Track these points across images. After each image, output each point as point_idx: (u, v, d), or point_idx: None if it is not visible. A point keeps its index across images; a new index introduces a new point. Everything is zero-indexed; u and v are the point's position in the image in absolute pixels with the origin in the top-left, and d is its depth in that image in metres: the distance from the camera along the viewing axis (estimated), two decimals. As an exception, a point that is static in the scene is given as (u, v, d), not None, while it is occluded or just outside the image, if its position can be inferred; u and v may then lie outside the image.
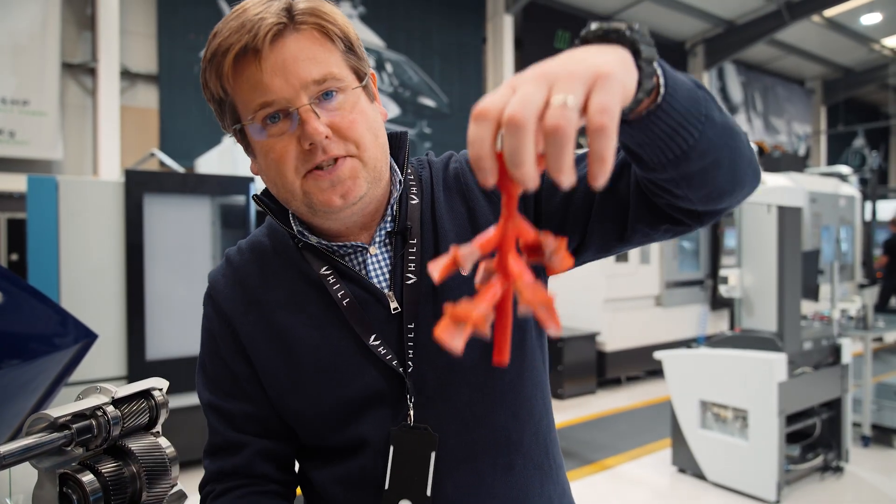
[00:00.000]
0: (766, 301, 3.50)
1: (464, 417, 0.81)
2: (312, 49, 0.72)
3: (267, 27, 0.70)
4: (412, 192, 0.85)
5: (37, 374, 1.53)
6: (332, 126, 0.73)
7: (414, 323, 0.80)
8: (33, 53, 6.37)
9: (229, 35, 0.71)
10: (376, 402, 0.81)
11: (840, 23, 13.23)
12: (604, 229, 0.80)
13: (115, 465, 0.80)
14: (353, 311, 0.81)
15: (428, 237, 0.83)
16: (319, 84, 0.72)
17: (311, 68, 0.72)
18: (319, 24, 0.73)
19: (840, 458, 3.73)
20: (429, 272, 0.45)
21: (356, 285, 0.82)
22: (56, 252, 3.38)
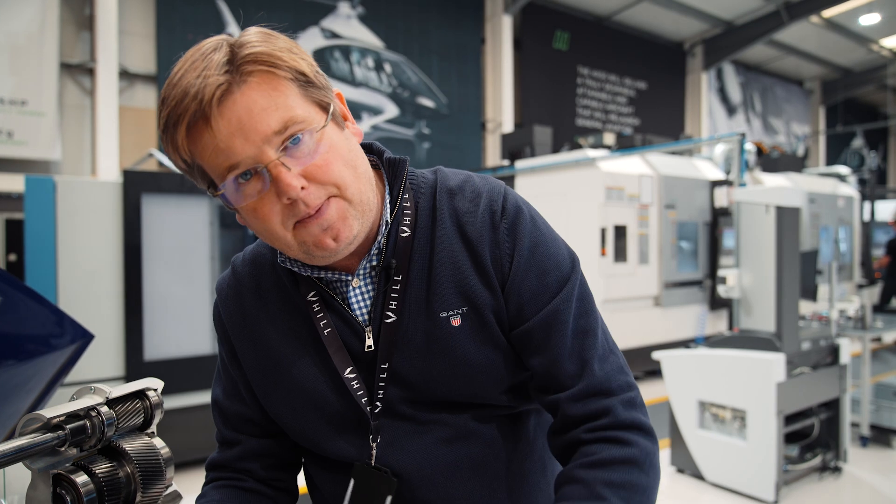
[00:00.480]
0: (765, 301, 3.50)
1: (429, 472, 0.80)
2: (264, 99, 0.68)
3: (211, 90, 0.65)
4: (405, 222, 0.81)
5: (33, 374, 1.53)
6: (306, 174, 0.70)
7: (388, 363, 0.79)
8: (31, 53, 6.36)
9: (175, 105, 0.67)
10: (347, 431, 0.83)
11: (839, 23, 13.25)
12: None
13: (109, 465, 0.80)
14: (333, 342, 0.81)
15: (417, 276, 0.80)
16: (281, 133, 0.68)
17: (268, 119, 0.67)
18: (266, 68, 0.68)
19: (838, 459, 3.73)
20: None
21: (338, 316, 0.81)
22: (54, 252, 3.37)
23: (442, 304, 0.79)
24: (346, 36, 8.93)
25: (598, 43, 12.10)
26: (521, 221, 0.81)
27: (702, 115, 13.77)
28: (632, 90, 12.79)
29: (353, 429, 0.82)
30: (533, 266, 0.80)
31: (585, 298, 0.84)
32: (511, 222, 0.80)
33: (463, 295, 0.79)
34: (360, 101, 9.04)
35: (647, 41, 13.04)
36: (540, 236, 0.81)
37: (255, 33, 0.71)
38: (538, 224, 0.83)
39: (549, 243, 0.82)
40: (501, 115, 10.31)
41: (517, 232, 0.80)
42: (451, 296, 0.79)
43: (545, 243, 0.81)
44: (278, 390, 0.85)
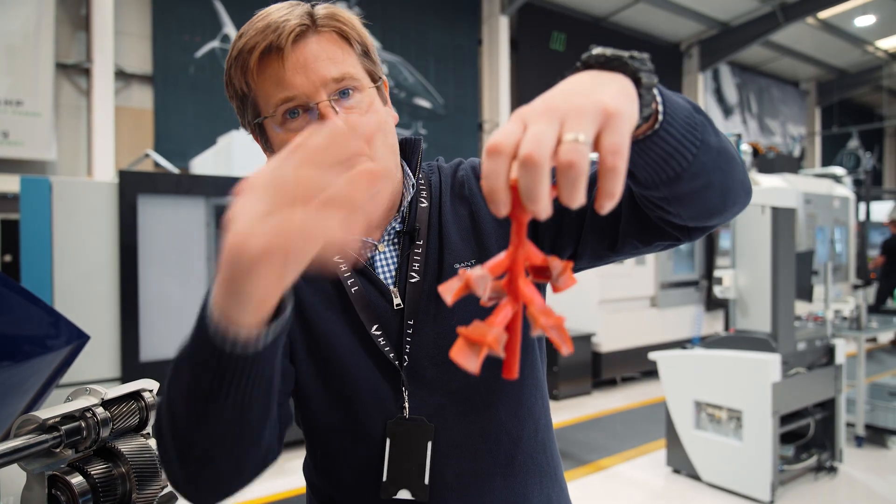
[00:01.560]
0: (761, 302, 3.51)
1: (462, 410, 0.84)
2: (331, 50, 0.77)
3: (290, 28, 0.75)
4: (422, 195, 0.90)
5: (27, 375, 1.52)
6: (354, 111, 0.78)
7: (413, 319, 0.84)
8: (27, 54, 6.35)
9: (255, 35, 0.76)
10: (375, 391, 0.84)
11: (834, 25, 13.29)
12: (596, 240, 0.83)
13: (104, 466, 0.80)
14: (360, 301, 0.85)
15: (434, 240, 0.88)
16: (338, 82, 0.77)
17: (329, 67, 0.76)
18: (339, 28, 0.79)
19: (834, 459, 3.75)
20: (441, 294, 0.46)
21: (365, 278, 0.86)
22: (49, 253, 3.36)
23: (454, 256, 0.86)
24: (342, 36, 8.94)
25: (594, 44, 12.08)
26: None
27: (698, 116, 13.79)
28: (628, 91, 12.81)
29: (380, 388, 0.84)
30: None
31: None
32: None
33: (470, 245, 0.86)
34: (356, 101, 9.04)
35: (643, 42, 13.06)
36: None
37: (327, 5, 0.80)
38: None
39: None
40: (498, 116, 10.32)
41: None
42: (461, 249, 0.86)
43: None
44: (308, 348, 0.86)
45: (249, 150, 4.60)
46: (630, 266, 6.18)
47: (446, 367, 0.83)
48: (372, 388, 0.84)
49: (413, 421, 0.83)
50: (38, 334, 1.60)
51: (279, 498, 3.64)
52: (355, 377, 0.84)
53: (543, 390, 0.93)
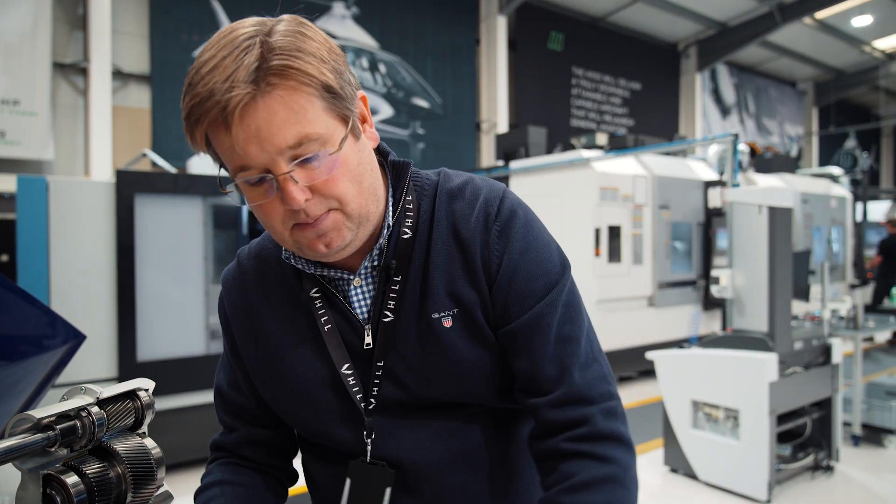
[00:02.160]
0: (758, 301, 3.52)
1: (422, 465, 0.83)
2: (285, 111, 0.68)
3: (235, 101, 0.66)
4: (406, 223, 0.83)
5: (24, 375, 1.52)
6: (313, 188, 0.72)
7: (383, 361, 0.82)
8: (24, 53, 6.33)
9: (199, 104, 0.68)
10: (344, 426, 0.85)
11: (831, 25, 13.32)
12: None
13: (99, 466, 0.80)
14: (332, 338, 0.83)
15: (415, 276, 0.83)
16: (296, 148, 0.69)
17: (285, 133, 0.68)
18: (293, 80, 0.68)
19: (830, 458, 3.76)
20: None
21: (339, 313, 0.84)
22: (46, 253, 3.36)
23: (434, 305, 0.81)
24: (340, 36, 8.92)
25: (592, 44, 12.12)
26: (514, 224, 0.82)
27: (696, 116, 13.82)
28: (626, 91, 12.83)
29: (348, 423, 0.85)
30: (521, 269, 0.81)
31: (572, 305, 0.84)
32: (504, 224, 0.82)
33: (454, 297, 0.82)
34: (354, 101, 9.04)
35: (641, 42, 13.07)
36: (532, 241, 0.83)
37: (288, 32, 0.69)
38: (532, 228, 0.84)
39: (541, 248, 0.83)
40: (496, 115, 10.32)
41: (509, 234, 0.81)
42: (443, 298, 0.81)
43: (536, 248, 0.83)
44: (277, 382, 0.87)
45: (247, 150, 4.60)
46: (628, 265, 6.19)
47: (410, 416, 0.83)
48: (340, 425, 0.85)
49: (374, 465, 0.82)
50: (35, 334, 1.60)
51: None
52: (325, 414, 0.85)
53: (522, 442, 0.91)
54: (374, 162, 0.80)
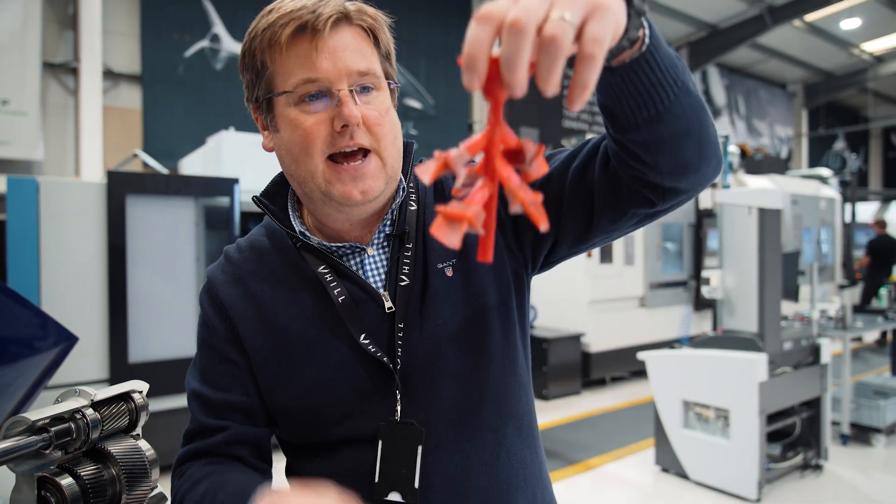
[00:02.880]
0: (747, 302, 3.55)
1: (450, 413, 0.84)
2: (361, 44, 0.79)
3: (329, 13, 0.76)
4: (412, 198, 0.90)
5: (15, 377, 1.51)
6: (364, 117, 0.78)
7: (404, 322, 0.84)
8: (13, 52, 6.28)
9: (291, 11, 0.77)
10: (366, 398, 0.84)
11: (820, 27, 13.44)
12: (573, 220, 0.84)
13: (94, 468, 0.80)
14: (347, 310, 0.84)
15: (419, 242, 0.87)
16: (361, 76, 0.78)
17: (357, 60, 0.78)
18: (370, 25, 0.81)
19: (819, 457, 3.79)
20: (417, 174, 0.49)
21: (353, 284, 0.85)
22: (37, 254, 3.34)
23: (437, 257, 0.86)
24: (333, 37, 8.92)
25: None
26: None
27: (687, 118, 13.89)
28: (618, 92, 12.88)
29: (372, 394, 0.84)
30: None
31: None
32: None
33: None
34: (347, 101, 9.03)
35: (632, 44, 13.14)
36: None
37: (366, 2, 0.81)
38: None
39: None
40: (489, 116, 10.33)
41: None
42: (443, 249, 0.86)
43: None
44: (288, 370, 0.85)
45: (238, 150, 4.59)
46: (619, 266, 6.22)
47: (436, 369, 0.84)
48: (363, 395, 0.84)
49: (405, 424, 0.83)
50: (26, 335, 1.59)
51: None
52: (346, 390, 0.84)
53: (527, 389, 0.93)
54: (399, 129, 0.86)
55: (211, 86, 7.78)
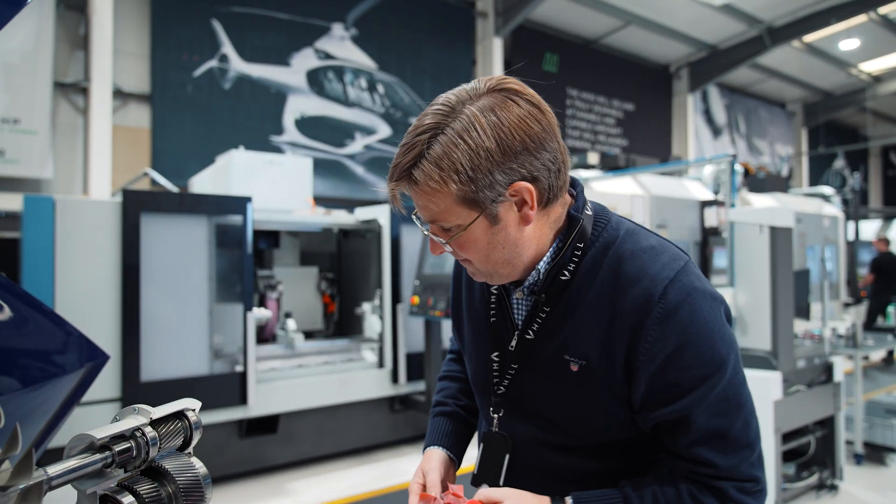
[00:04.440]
0: (760, 320, 3.55)
1: (533, 446, 1.03)
2: (423, 201, 0.89)
3: (399, 187, 0.90)
4: (569, 267, 0.95)
5: (45, 397, 1.51)
6: (446, 247, 0.95)
7: (518, 364, 1.01)
8: (25, 72, 6.35)
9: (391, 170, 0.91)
10: (487, 393, 1.07)
11: (819, 48, 13.59)
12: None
13: (152, 486, 0.80)
14: (492, 329, 1.06)
15: (565, 314, 0.96)
16: (433, 222, 0.92)
17: (424, 213, 0.92)
18: (426, 189, 0.87)
19: (835, 477, 3.76)
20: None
21: (503, 313, 1.04)
22: (52, 272, 3.34)
23: (569, 348, 0.95)
24: (339, 57, 9.01)
25: (586, 65, 12.30)
26: (677, 316, 0.87)
27: (688, 136, 14.00)
28: (620, 111, 12.99)
29: (484, 394, 1.09)
30: (673, 362, 0.87)
31: (729, 398, 0.89)
32: (666, 313, 0.87)
33: (587, 351, 0.93)
34: (353, 121, 9.10)
35: (634, 64, 13.28)
36: (693, 335, 0.87)
37: (457, 133, 0.85)
38: (696, 320, 0.87)
39: (701, 342, 0.87)
40: (492, 135, 10.39)
41: (667, 325, 0.87)
42: (579, 347, 0.94)
43: (697, 342, 0.87)
44: (462, 338, 1.16)
45: (248, 169, 4.62)
46: (626, 284, 6.22)
47: (528, 408, 1.02)
48: (481, 391, 1.11)
49: (499, 435, 1.04)
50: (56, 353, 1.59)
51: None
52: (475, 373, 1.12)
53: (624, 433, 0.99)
54: (515, 235, 0.91)
55: (219, 105, 7.85)
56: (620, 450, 0.99)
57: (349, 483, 4.05)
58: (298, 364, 4.42)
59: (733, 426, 0.89)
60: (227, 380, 3.86)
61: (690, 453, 0.90)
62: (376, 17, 9.34)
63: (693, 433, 0.89)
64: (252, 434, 4.09)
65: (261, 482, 4.08)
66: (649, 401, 0.90)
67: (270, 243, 5.04)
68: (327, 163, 8.73)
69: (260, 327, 4.46)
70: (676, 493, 0.90)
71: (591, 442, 0.97)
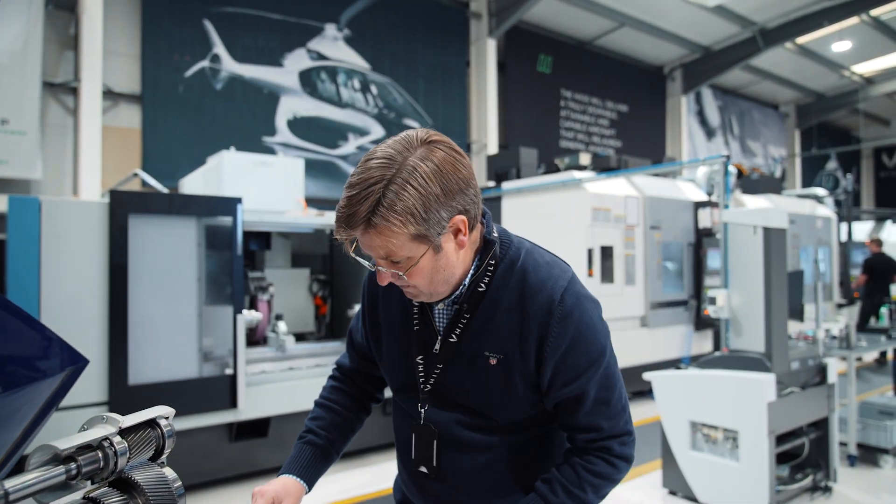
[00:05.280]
0: (754, 321, 3.53)
1: (456, 432, 1.22)
2: (379, 241, 1.03)
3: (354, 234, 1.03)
4: (484, 280, 1.15)
5: (22, 402, 1.47)
6: (394, 277, 1.09)
7: (441, 365, 1.19)
8: (14, 72, 6.29)
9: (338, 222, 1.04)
10: (411, 391, 1.25)
11: (812, 50, 13.66)
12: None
13: (121, 498, 0.76)
14: (417, 335, 1.22)
15: (483, 319, 1.15)
16: (385, 258, 1.06)
17: (378, 251, 1.05)
18: (385, 232, 1.01)
19: (828, 478, 3.75)
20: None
21: (425, 321, 1.21)
22: (37, 273, 3.29)
23: (488, 345, 1.15)
24: (332, 57, 8.97)
25: (580, 66, 12.31)
26: (573, 316, 1.12)
27: (682, 138, 14.03)
28: (613, 113, 13.01)
29: (411, 392, 1.24)
30: (571, 351, 1.12)
31: (609, 375, 1.17)
32: (565, 314, 1.11)
33: (503, 347, 1.14)
34: (346, 121, 9.06)
35: (627, 65, 13.30)
36: (583, 329, 1.12)
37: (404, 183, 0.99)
38: (584, 318, 1.13)
39: (589, 335, 1.13)
40: (486, 136, 10.40)
41: (566, 323, 1.11)
42: (496, 343, 1.15)
43: (585, 336, 1.13)
44: (380, 349, 1.31)
45: (239, 170, 4.57)
46: (620, 286, 6.21)
47: (452, 399, 1.21)
48: (406, 391, 1.26)
49: (426, 426, 1.23)
50: (33, 358, 1.55)
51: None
52: (399, 378, 1.27)
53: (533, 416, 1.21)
54: (453, 260, 1.10)
55: (211, 106, 7.80)
56: (524, 426, 1.20)
57: (341, 487, 4.01)
58: (289, 367, 4.37)
59: (613, 395, 1.17)
60: (216, 383, 3.82)
61: (585, 422, 1.16)
62: (369, 18, 9.32)
63: (586, 405, 1.15)
64: (242, 438, 4.05)
65: (251, 486, 4.03)
66: (554, 382, 1.13)
67: (262, 245, 4.99)
68: (320, 164, 8.69)
69: (251, 329, 4.41)
70: (572, 469, 1.16)
71: (503, 420, 1.18)
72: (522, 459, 1.23)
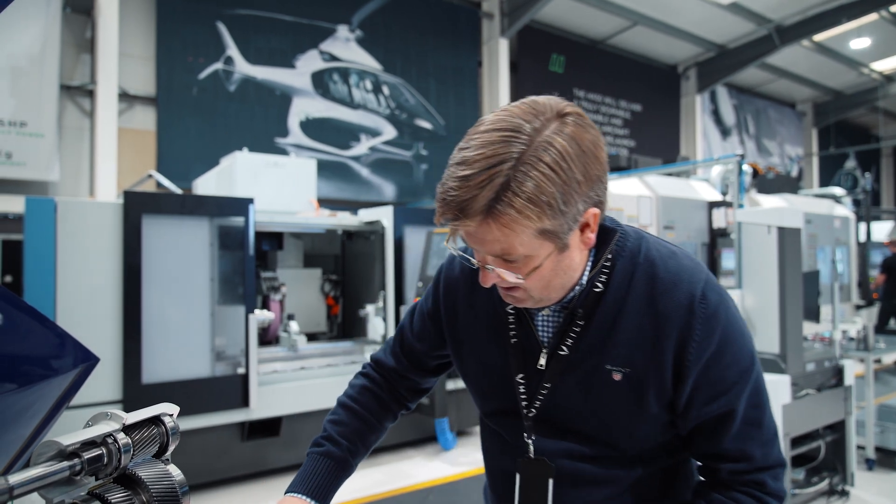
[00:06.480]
0: (768, 322, 3.48)
1: (562, 462, 0.99)
2: (498, 234, 0.81)
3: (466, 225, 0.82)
4: (601, 279, 0.93)
5: (34, 399, 1.49)
6: (499, 277, 0.88)
7: (550, 384, 0.97)
8: (32, 75, 6.38)
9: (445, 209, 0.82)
10: (510, 415, 1.02)
11: (829, 47, 13.46)
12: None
13: (124, 494, 0.77)
14: (515, 350, 1.00)
15: (602, 324, 0.93)
16: (498, 257, 0.85)
17: (493, 248, 0.84)
18: (510, 223, 0.80)
19: (845, 482, 3.69)
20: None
21: (525, 332, 0.99)
22: (53, 273, 3.34)
23: (609, 358, 0.92)
24: (344, 59, 9.01)
25: (593, 66, 12.24)
26: (720, 314, 0.90)
27: (697, 137, 13.90)
28: (627, 112, 12.92)
29: (513, 416, 1.01)
30: (717, 359, 0.90)
31: (759, 391, 0.94)
32: (709, 313, 0.89)
33: (630, 358, 0.91)
34: (358, 122, 9.09)
35: (641, 64, 13.21)
36: (732, 333, 0.91)
37: (542, 163, 0.78)
38: (731, 319, 0.92)
39: (738, 339, 0.92)
40: (499, 136, 10.36)
41: (713, 324, 0.89)
42: (619, 355, 0.92)
43: (734, 340, 0.91)
44: (466, 362, 1.09)
45: (252, 171, 4.60)
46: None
47: (562, 425, 0.98)
48: (507, 412, 1.02)
49: (539, 461, 0.99)
50: (46, 356, 1.57)
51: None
52: (496, 401, 1.04)
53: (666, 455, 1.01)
54: (577, 260, 0.90)
55: (224, 107, 7.86)
56: (653, 455, 0.98)
57: (353, 487, 4.02)
58: (301, 366, 4.39)
59: (764, 416, 0.94)
60: (228, 382, 3.84)
61: (732, 448, 0.93)
62: (381, 19, 9.34)
63: (734, 427, 0.92)
64: (254, 437, 4.07)
65: (263, 485, 4.05)
66: (695, 399, 0.91)
67: (274, 245, 5.02)
68: (332, 164, 8.73)
69: (263, 329, 4.44)
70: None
71: (629, 449, 0.96)
72: (646, 496, 0.99)
